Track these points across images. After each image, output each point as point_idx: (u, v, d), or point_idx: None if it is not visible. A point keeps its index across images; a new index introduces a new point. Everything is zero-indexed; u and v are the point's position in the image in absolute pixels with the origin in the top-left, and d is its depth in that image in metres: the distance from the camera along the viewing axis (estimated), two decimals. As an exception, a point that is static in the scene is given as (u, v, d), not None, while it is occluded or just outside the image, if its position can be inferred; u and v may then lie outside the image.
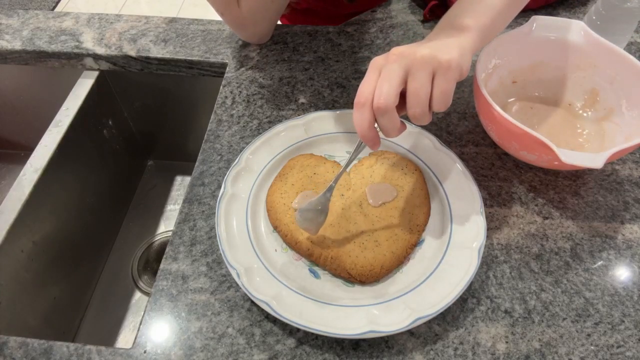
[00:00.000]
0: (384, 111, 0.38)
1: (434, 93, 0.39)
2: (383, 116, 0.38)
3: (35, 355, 0.43)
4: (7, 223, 0.57)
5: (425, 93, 0.38)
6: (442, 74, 0.38)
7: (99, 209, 0.78)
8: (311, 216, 0.46)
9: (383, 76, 0.39)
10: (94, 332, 0.72)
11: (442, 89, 0.39)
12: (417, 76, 0.38)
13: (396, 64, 0.39)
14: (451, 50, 0.39)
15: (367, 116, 0.39)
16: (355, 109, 0.40)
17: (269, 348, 0.43)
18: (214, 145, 0.59)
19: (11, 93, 0.80)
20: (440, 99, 0.39)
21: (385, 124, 0.39)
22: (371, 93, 0.39)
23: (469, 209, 0.49)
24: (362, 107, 0.39)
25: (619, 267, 0.48)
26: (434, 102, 0.39)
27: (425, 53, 0.39)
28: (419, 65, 0.38)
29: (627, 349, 0.43)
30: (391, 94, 0.38)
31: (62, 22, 0.76)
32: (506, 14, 0.47)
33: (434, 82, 0.39)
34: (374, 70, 0.40)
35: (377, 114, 0.39)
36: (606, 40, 0.54)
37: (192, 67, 0.71)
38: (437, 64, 0.38)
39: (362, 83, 0.40)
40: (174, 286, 0.47)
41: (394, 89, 0.38)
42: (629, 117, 0.54)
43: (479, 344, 0.43)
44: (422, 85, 0.38)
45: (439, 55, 0.39)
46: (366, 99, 0.39)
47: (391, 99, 0.38)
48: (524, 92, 0.61)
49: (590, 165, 0.43)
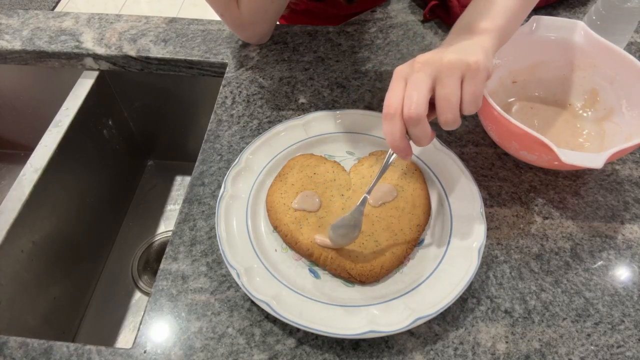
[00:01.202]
0: (416, 121, 0.38)
1: (464, 97, 0.39)
2: (415, 126, 0.38)
3: (35, 355, 0.43)
4: (7, 223, 0.57)
5: (456, 98, 0.38)
6: (471, 77, 0.39)
7: (99, 209, 0.78)
8: (345, 232, 0.45)
9: (411, 85, 0.39)
10: (94, 332, 0.72)
11: (472, 91, 0.39)
12: (446, 82, 0.38)
13: (422, 72, 0.39)
14: (477, 53, 0.39)
15: (398, 126, 0.39)
16: (384, 120, 0.40)
17: (269, 348, 0.43)
18: (214, 145, 0.59)
19: (11, 93, 0.80)
20: (472, 102, 0.39)
21: (417, 133, 0.39)
22: (400, 103, 0.39)
23: (469, 209, 0.49)
24: (393, 118, 0.39)
25: (619, 267, 0.48)
26: (464, 105, 0.39)
27: (452, 58, 0.39)
28: (447, 71, 0.38)
29: (627, 349, 0.43)
30: (421, 103, 0.38)
31: (62, 22, 0.76)
32: (520, 14, 0.48)
33: (464, 85, 0.39)
34: (399, 79, 0.40)
35: (409, 123, 0.39)
36: (606, 40, 0.54)
37: (192, 67, 0.71)
38: (465, 68, 0.38)
39: (389, 93, 0.40)
40: (174, 286, 0.47)
41: (423, 97, 0.38)
42: (629, 117, 0.54)
43: (479, 344, 0.43)
44: (453, 91, 0.38)
45: (466, 58, 0.39)
46: (396, 109, 0.39)
47: (422, 107, 0.38)
48: (524, 92, 0.61)
49: (590, 165, 0.43)
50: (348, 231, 0.46)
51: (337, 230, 0.45)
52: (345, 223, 0.46)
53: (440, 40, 0.72)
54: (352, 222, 0.46)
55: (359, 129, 0.57)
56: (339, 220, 0.46)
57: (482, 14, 0.45)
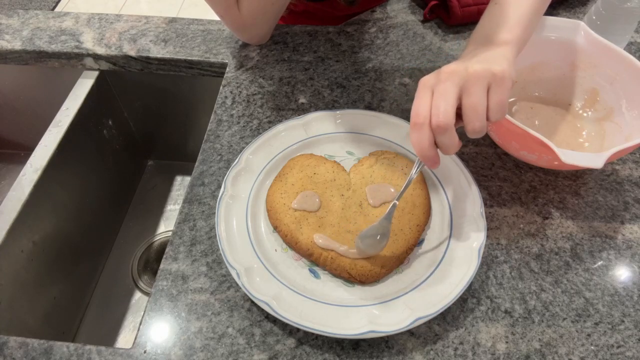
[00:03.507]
0: (444, 129, 0.39)
1: (491, 105, 0.40)
2: (444, 135, 0.39)
3: (35, 355, 0.43)
4: (7, 223, 0.57)
5: (483, 107, 0.39)
6: (497, 85, 0.39)
7: (99, 209, 0.78)
8: (372, 242, 0.46)
9: (438, 95, 0.39)
10: (94, 332, 0.72)
11: (498, 100, 0.39)
12: (472, 91, 0.39)
13: (449, 82, 0.39)
14: (501, 62, 0.41)
15: (427, 135, 0.39)
16: (412, 130, 0.40)
17: (269, 348, 0.43)
18: (214, 145, 0.59)
19: (11, 93, 0.80)
20: (498, 110, 0.40)
21: (446, 141, 0.40)
22: (428, 112, 0.39)
23: (469, 209, 0.49)
24: (421, 127, 0.40)
25: (619, 267, 0.48)
26: (490, 114, 0.40)
27: (477, 68, 0.40)
28: (474, 80, 0.39)
29: (627, 349, 0.43)
30: (449, 112, 0.39)
31: (62, 22, 0.76)
32: (534, 22, 0.49)
33: (490, 94, 0.40)
34: (426, 89, 0.41)
35: (437, 132, 0.39)
36: (606, 40, 0.54)
37: (192, 67, 0.71)
38: (491, 77, 0.39)
39: (416, 102, 0.41)
40: (174, 286, 0.47)
41: (451, 107, 0.39)
42: (629, 117, 0.54)
43: (479, 344, 0.43)
44: (479, 100, 0.39)
45: (491, 68, 0.40)
46: (424, 118, 0.39)
47: (450, 116, 0.39)
48: (524, 92, 0.61)
49: (590, 165, 0.43)
50: (376, 241, 0.46)
51: (365, 240, 0.45)
52: (374, 232, 0.46)
53: (440, 40, 0.72)
54: (381, 231, 0.46)
55: (359, 129, 0.57)
56: (367, 230, 0.46)
57: (499, 26, 0.46)
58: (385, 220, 0.46)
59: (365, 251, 0.46)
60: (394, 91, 0.64)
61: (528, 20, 0.47)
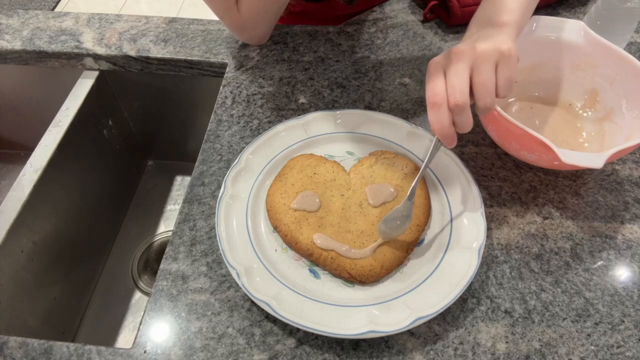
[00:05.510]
0: (461, 108, 0.40)
1: (499, 82, 0.41)
2: (461, 113, 0.41)
3: (35, 355, 0.43)
4: (7, 223, 0.57)
5: (492, 84, 0.41)
6: (504, 62, 0.41)
7: (99, 209, 0.78)
8: (397, 224, 0.47)
9: (452, 75, 0.41)
10: (94, 332, 0.72)
11: (506, 76, 0.41)
12: (482, 69, 0.41)
13: (461, 62, 0.41)
14: (506, 41, 0.43)
15: (446, 115, 0.41)
16: (430, 110, 0.41)
17: (269, 348, 0.43)
18: (214, 145, 0.59)
19: (11, 93, 0.80)
20: (506, 86, 0.42)
21: (463, 120, 0.41)
22: (444, 92, 0.41)
23: (469, 209, 0.49)
24: (440, 107, 0.41)
25: (619, 267, 0.48)
26: (499, 90, 0.42)
27: (485, 47, 0.41)
28: (483, 59, 0.41)
29: (627, 349, 0.43)
30: (465, 91, 0.40)
31: (62, 22, 0.76)
32: (531, 7, 0.51)
33: (498, 71, 0.41)
34: (438, 70, 0.42)
35: (455, 111, 0.41)
36: (606, 40, 0.54)
37: (192, 67, 0.71)
38: (499, 55, 0.41)
39: (430, 84, 0.42)
40: (174, 286, 0.47)
41: (465, 86, 0.40)
42: (629, 117, 0.54)
43: (479, 344, 0.43)
44: (489, 77, 0.41)
45: (498, 46, 0.41)
46: (442, 98, 0.41)
47: (466, 95, 0.40)
48: (524, 92, 0.61)
49: (590, 165, 0.43)
50: (400, 223, 0.47)
51: (389, 222, 0.46)
52: (397, 214, 0.46)
53: (440, 40, 0.72)
54: (405, 213, 0.47)
55: (359, 129, 0.57)
56: (391, 213, 0.47)
57: (499, 10, 0.48)
58: (408, 201, 0.46)
59: (390, 234, 0.47)
60: (394, 91, 0.64)
61: (527, 4, 0.49)
